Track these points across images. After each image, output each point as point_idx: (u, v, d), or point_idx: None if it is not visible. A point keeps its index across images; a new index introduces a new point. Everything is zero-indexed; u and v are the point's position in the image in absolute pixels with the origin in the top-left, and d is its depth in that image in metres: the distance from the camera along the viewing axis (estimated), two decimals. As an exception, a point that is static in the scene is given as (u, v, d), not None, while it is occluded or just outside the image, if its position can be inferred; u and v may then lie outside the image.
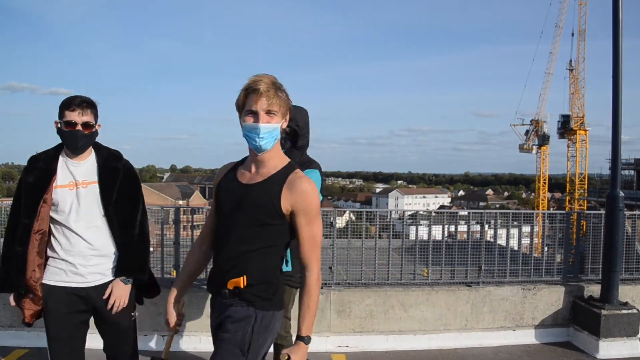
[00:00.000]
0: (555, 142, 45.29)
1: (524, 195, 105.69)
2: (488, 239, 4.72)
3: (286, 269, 2.85)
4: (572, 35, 41.38)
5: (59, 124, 2.27)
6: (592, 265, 4.67)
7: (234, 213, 1.87)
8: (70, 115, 2.24)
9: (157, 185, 58.75)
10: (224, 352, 1.84)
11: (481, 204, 77.90)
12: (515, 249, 4.76)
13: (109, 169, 2.34)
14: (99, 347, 2.49)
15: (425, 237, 4.60)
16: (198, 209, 4.48)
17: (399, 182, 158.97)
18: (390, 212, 5.42)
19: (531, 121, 45.37)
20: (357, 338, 4.19)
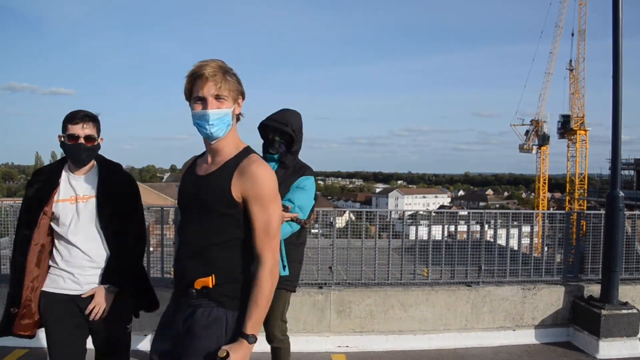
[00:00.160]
0: (555, 142, 45.30)
1: (524, 195, 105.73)
2: (488, 239, 4.73)
3: (283, 274, 2.80)
4: (572, 35, 41.37)
5: (62, 137, 2.35)
6: (592, 265, 4.67)
7: (191, 207, 1.81)
8: (73, 129, 2.32)
9: (157, 185, 58.64)
10: None
11: (481, 204, 77.95)
12: (515, 249, 4.76)
13: (108, 184, 2.42)
14: None
15: (425, 237, 4.60)
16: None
17: (399, 182, 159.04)
18: (390, 212, 5.42)
19: (531, 121, 45.37)
20: (357, 338, 4.19)
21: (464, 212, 4.89)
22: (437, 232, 4.64)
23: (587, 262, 4.69)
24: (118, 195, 2.42)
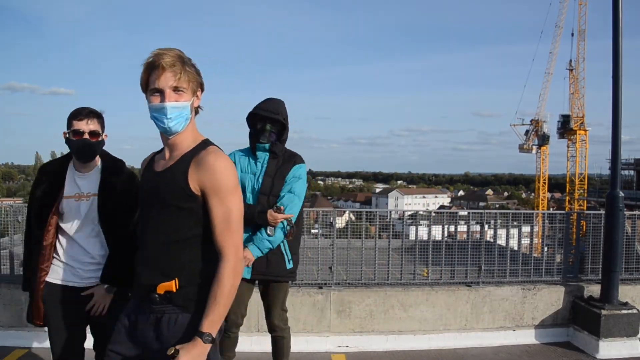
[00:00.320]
0: (555, 142, 45.32)
1: (523, 196, 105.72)
2: (488, 239, 4.73)
3: (289, 267, 2.94)
4: (572, 35, 41.39)
5: (67, 133, 2.39)
6: (592, 265, 4.67)
7: (150, 204, 1.71)
8: (78, 125, 2.37)
9: (157, 185, 58.62)
10: None
11: (481, 204, 77.98)
12: (515, 249, 4.76)
13: (110, 182, 2.45)
14: None
15: (425, 237, 4.60)
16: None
17: (399, 182, 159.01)
18: (390, 212, 5.42)
19: (531, 121, 45.39)
20: (357, 338, 4.19)
21: (464, 212, 4.89)
22: (437, 232, 4.64)
23: (587, 262, 4.69)
24: (119, 193, 2.44)
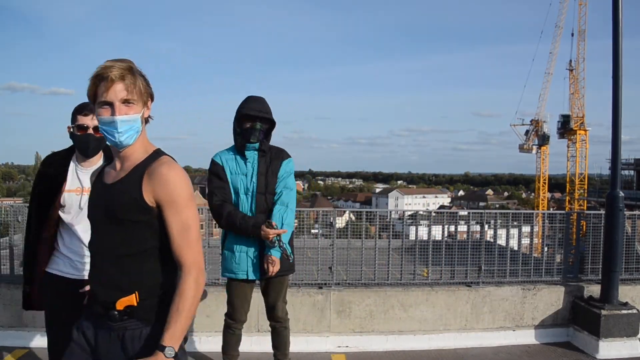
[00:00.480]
0: (555, 142, 45.35)
1: (523, 196, 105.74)
2: (488, 239, 4.72)
3: (290, 260, 3.06)
4: (572, 35, 41.43)
5: (72, 128, 2.43)
6: (592, 266, 4.66)
7: (102, 217, 1.66)
8: (83, 120, 2.40)
9: (157, 185, 58.60)
10: None
11: (481, 204, 77.97)
12: (515, 249, 4.76)
13: None
14: None
15: (425, 237, 4.60)
16: (198, 209, 4.46)
17: (399, 182, 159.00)
18: (390, 212, 5.42)
19: (531, 121, 45.41)
20: (357, 338, 4.19)
21: (464, 212, 4.88)
22: (437, 232, 4.63)
23: (587, 262, 4.69)
24: None
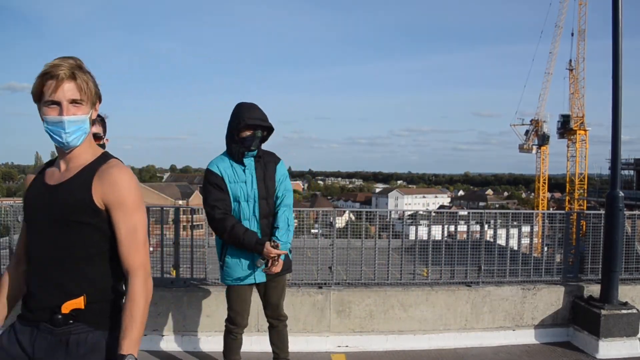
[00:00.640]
0: (555, 142, 45.35)
1: (523, 195, 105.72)
2: (488, 239, 4.72)
3: (289, 259, 3.14)
4: (572, 35, 41.42)
5: None
6: (591, 265, 4.66)
7: (45, 219, 1.59)
8: None
9: (157, 185, 58.83)
10: None
11: (481, 204, 77.96)
12: (515, 249, 4.76)
13: None
14: None
15: (425, 237, 4.59)
16: (198, 209, 4.48)
17: (399, 182, 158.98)
18: (390, 212, 5.42)
19: (531, 121, 45.41)
20: (357, 338, 4.19)
21: (463, 212, 4.88)
22: (437, 232, 4.63)
23: (587, 262, 4.69)
24: None
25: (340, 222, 5.28)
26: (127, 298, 1.55)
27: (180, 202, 45.20)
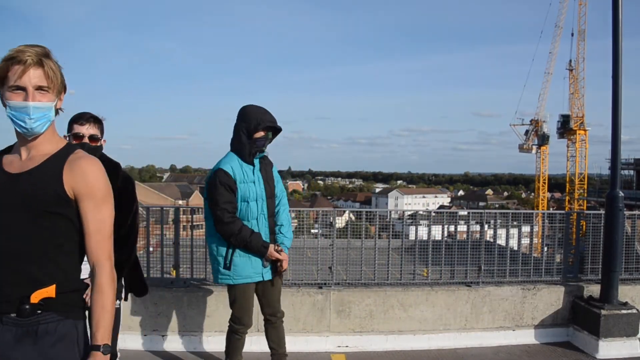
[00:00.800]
0: (555, 142, 45.39)
1: (523, 195, 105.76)
2: (488, 239, 4.73)
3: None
4: (572, 35, 41.47)
5: (67, 137, 2.48)
6: (591, 265, 4.67)
7: (9, 209, 1.53)
8: (79, 129, 2.47)
9: (157, 185, 58.80)
10: None
11: (481, 204, 77.97)
12: (515, 249, 4.76)
13: None
14: None
15: (424, 237, 4.60)
16: (198, 209, 4.48)
17: (399, 182, 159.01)
18: (389, 212, 5.43)
19: (531, 121, 45.44)
20: (357, 338, 4.19)
21: (463, 212, 4.89)
22: (437, 232, 4.63)
23: (587, 262, 4.69)
24: (115, 196, 2.45)
25: (340, 222, 5.28)
26: (97, 290, 1.55)
27: (180, 202, 45.20)
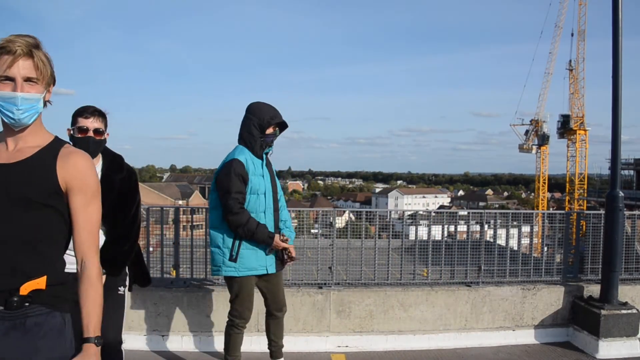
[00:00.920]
0: (555, 142, 45.43)
1: (523, 195, 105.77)
2: (488, 239, 4.72)
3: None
4: (572, 35, 41.49)
5: (72, 130, 2.49)
6: (591, 265, 4.67)
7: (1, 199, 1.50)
8: (83, 122, 2.48)
9: (157, 185, 58.78)
10: None
11: (481, 204, 77.99)
12: (515, 249, 4.76)
13: (111, 178, 2.54)
14: None
15: (424, 237, 4.60)
16: (198, 209, 4.49)
17: (399, 182, 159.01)
18: (389, 212, 5.43)
19: (531, 121, 45.44)
20: (357, 338, 4.19)
21: (463, 212, 4.88)
22: (437, 232, 4.63)
23: (587, 262, 4.69)
24: (120, 188, 2.53)
25: (340, 222, 5.28)
26: (87, 282, 1.57)
27: (180, 202, 45.25)
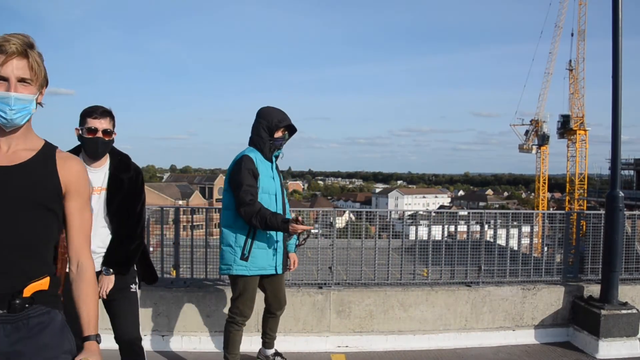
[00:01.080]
0: (555, 142, 45.43)
1: (523, 196, 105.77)
2: (488, 239, 4.72)
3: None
4: (572, 35, 41.49)
5: (81, 130, 2.50)
6: (591, 265, 4.67)
7: (2, 201, 1.48)
8: (92, 123, 2.49)
9: (157, 185, 58.75)
10: None
11: (481, 204, 77.99)
12: (515, 249, 4.76)
13: (118, 177, 2.58)
14: (110, 347, 2.54)
15: (425, 237, 4.59)
16: (198, 209, 4.49)
17: (399, 182, 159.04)
18: (390, 212, 5.43)
19: (531, 121, 45.44)
20: (357, 338, 4.19)
21: (463, 212, 4.88)
22: (437, 232, 4.63)
23: (587, 262, 4.69)
24: (127, 187, 2.57)
25: (340, 222, 5.29)
26: (86, 283, 1.61)
27: (180, 202, 45.26)
